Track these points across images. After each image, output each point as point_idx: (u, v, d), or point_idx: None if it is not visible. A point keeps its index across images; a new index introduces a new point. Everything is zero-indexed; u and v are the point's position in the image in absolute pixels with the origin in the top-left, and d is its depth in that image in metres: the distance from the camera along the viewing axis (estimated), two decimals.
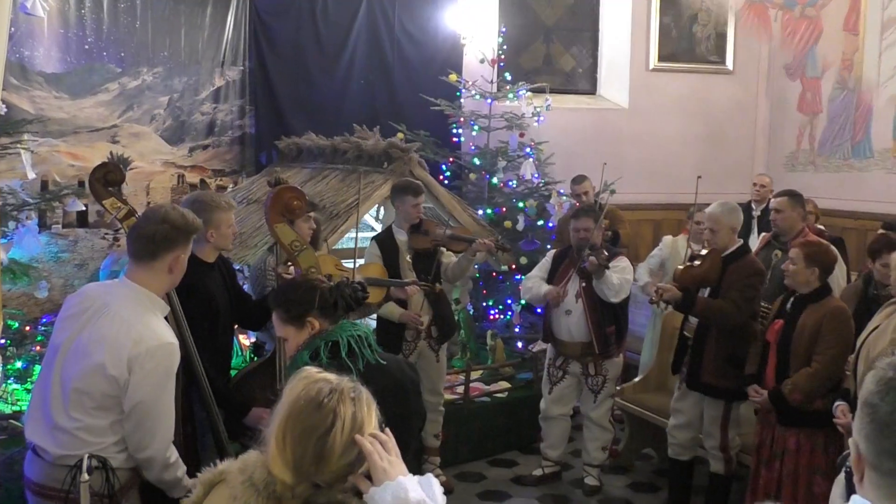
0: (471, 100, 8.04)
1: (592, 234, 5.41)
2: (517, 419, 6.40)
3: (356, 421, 1.86)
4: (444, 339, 5.62)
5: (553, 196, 7.75)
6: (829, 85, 9.03)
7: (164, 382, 2.93)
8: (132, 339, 2.87)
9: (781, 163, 9.60)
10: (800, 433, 4.36)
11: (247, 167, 7.76)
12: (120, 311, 2.93)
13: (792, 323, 4.38)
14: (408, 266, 5.43)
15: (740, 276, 4.87)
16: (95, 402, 2.88)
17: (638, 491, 5.80)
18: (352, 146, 6.66)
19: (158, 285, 3.06)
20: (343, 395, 1.88)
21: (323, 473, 1.83)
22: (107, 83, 7.13)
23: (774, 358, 4.44)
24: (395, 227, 5.51)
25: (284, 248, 3.71)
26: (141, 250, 3.01)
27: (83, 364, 2.89)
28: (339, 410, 1.85)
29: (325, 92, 8.00)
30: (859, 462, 1.42)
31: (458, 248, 5.53)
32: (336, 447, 1.83)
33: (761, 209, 7.21)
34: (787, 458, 4.37)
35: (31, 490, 3.00)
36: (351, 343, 2.78)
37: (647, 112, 9.45)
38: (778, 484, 4.38)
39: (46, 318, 5.98)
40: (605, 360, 5.54)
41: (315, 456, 1.82)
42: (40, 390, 3.03)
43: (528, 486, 5.79)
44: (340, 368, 2.67)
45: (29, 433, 3.01)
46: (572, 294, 5.48)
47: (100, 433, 2.91)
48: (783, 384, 4.32)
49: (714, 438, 5.07)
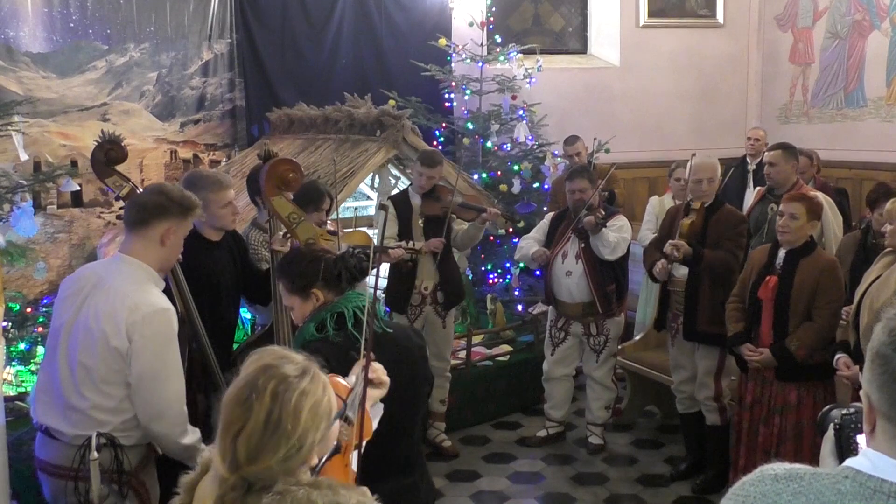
0: (461, 64, 7.98)
1: (588, 195, 5.40)
2: (520, 381, 6.44)
3: (270, 420, 1.74)
4: (450, 304, 5.64)
5: (548, 157, 7.71)
6: (821, 34, 8.97)
7: (165, 348, 2.95)
8: (128, 307, 2.90)
9: (775, 115, 9.56)
10: (800, 387, 4.35)
11: (239, 140, 7.73)
12: (115, 284, 2.97)
13: (788, 279, 4.35)
14: (419, 230, 5.48)
15: (728, 225, 4.94)
16: (103, 377, 2.92)
17: (642, 448, 5.86)
18: (343, 115, 6.63)
19: (152, 257, 3.06)
20: (267, 390, 1.76)
21: (241, 470, 1.74)
22: (94, 61, 7.07)
23: (770, 316, 4.41)
24: (410, 190, 5.60)
25: (282, 221, 3.69)
26: (133, 217, 3.05)
27: (87, 340, 2.92)
28: (253, 408, 1.75)
29: (314, 62, 7.95)
30: (871, 413, 1.42)
31: (467, 216, 5.56)
32: (244, 446, 1.73)
33: (756, 163, 7.20)
34: (788, 413, 4.35)
35: (47, 471, 3.03)
36: (357, 314, 2.79)
37: (639, 69, 9.39)
38: (778, 440, 4.37)
39: (47, 299, 5.99)
40: (606, 319, 5.56)
41: (231, 452, 1.75)
42: (47, 373, 3.06)
43: (532, 447, 5.85)
44: (347, 339, 2.71)
45: (40, 416, 3.04)
46: (572, 255, 5.49)
47: (112, 411, 2.94)
48: (787, 340, 4.29)
49: (708, 388, 5.09)
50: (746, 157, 7.47)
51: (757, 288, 4.45)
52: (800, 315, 4.31)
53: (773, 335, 4.39)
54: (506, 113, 7.88)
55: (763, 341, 4.44)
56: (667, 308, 5.23)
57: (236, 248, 4.13)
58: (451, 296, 5.62)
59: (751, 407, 4.52)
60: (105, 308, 2.92)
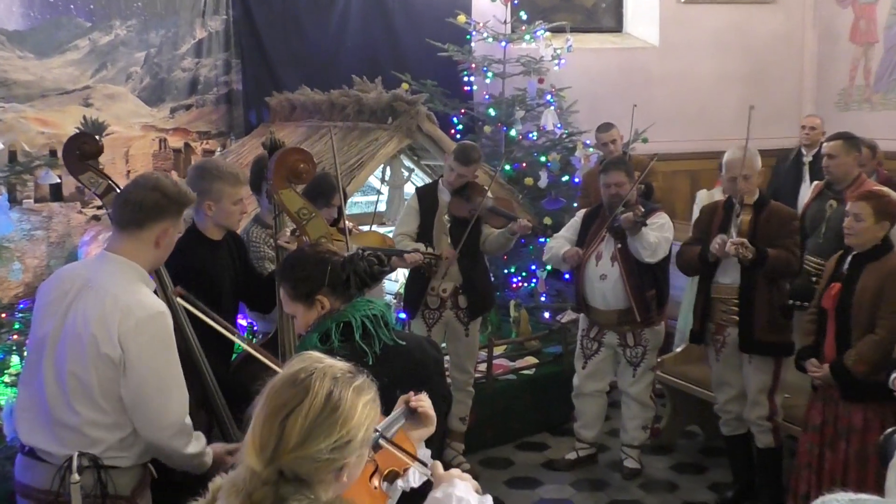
0: (482, 43, 7.96)
1: (625, 189, 5.34)
2: (546, 398, 6.42)
3: (331, 400, 1.80)
4: (477, 312, 5.65)
5: (578, 148, 7.69)
6: (885, 11, 8.86)
7: (163, 355, 2.95)
8: (120, 310, 2.89)
9: (833, 101, 9.51)
10: (866, 409, 4.32)
11: (235, 128, 7.79)
12: (104, 285, 2.94)
13: (850, 286, 4.32)
14: (443, 229, 5.47)
15: (780, 222, 4.92)
16: (95, 389, 2.89)
17: (683, 472, 5.81)
18: (351, 100, 6.66)
19: (144, 259, 3.06)
20: (326, 374, 1.84)
21: (284, 456, 1.78)
22: (76, 39, 7.12)
23: (834, 326, 4.39)
24: (440, 184, 5.58)
25: (291, 217, 3.69)
26: (127, 218, 3.02)
27: (76, 348, 2.90)
28: (312, 387, 1.81)
29: (318, 41, 7.99)
30: None
31: (495, 223, 5.56)
32: (297, 425, 1.78)
33: (812, 154, 7.13)
34: (854, 437, 4.33)
35: (30, 496, 3.01)
36: (366, 324, 2.76)
37: (681, 50, 9.36)
38: (844, 467, 4.33)
39: (23, 303, 5.96)
40: (644, 328, 5.52)
41: (277, 436, 1.79)
42: (31, 389, 3.04)
43: (560, 470, 5.82)
44: (354, 352, 2.64)
45: (25, 435, 3.02)
46: (607, 257, 5.45)
47: (107, 427, 2.94)
48: (845, 355, 4.28)
49: (762, 407, 5.05)
50: (801, 149, 7.41)
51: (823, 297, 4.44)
52: (863, 326, 4.30)
53: (837, 348, 4.37)
54: (532, 98, 7.84)
55: (827, 356, 4.44)
56: (708, 319, 5.14)
57: (236, 250, 4.15)
58: (477, 303, 5.61)
59: (820, 429, 4.49)
60: (94, 311, 2.90)
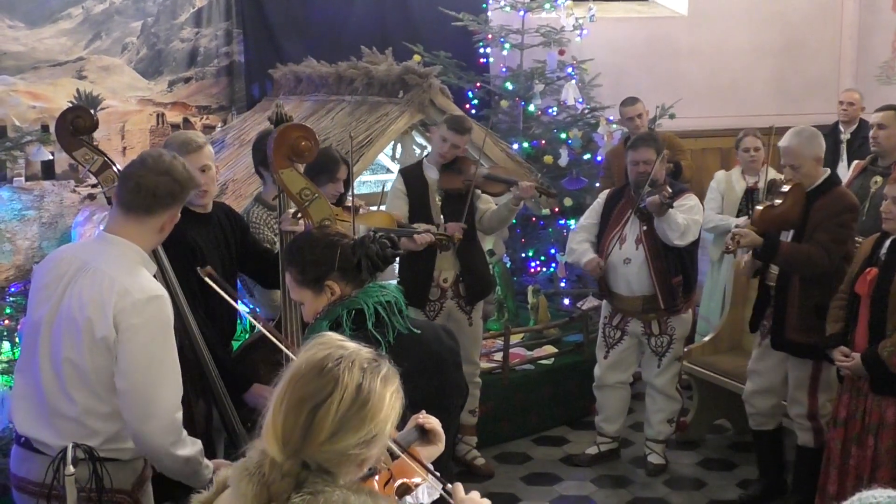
0: (499, 12, 7.96)
1: (654, 168, 5.35)
2: (566, 389, 6.43)
3: (361, 393, 1.84)
4: (476, 297, 5.62)
5: (601, 124, 7.66)
6: None
7: (158, 339, 2.95)
8: (116, 292, 2.90)
9: (873, 74, 9.42)
10: None
11: (237, 102, 7.75)
12: (101, 267, 2.97)
13: (889, 272, 4.29)
14: (437, 209, 5.44)
15: (829, 213, 4.76)
16: (91, 376, 2.92)
17: (710, 469, 5.83)
18: (360, 73, 6.63)
19: (146, 243, 3.09)
20: (354, 363, 1.87)
21: (310, 449, 1.82)
22: (68, 8, 7.09)
23: (867, 314, 4.36)
24: (426, 162, 5.55)
25: (292, 198, 3.64)
26: (137, 202, 3.02)
27: (71, 332, 2.93)
28: (341, 378, 1.84)
29: (325, 9, 7.94)
30: None
31: (494, 190, 5.52)
32: (328, 419, 1.81)
33: (851, 131, 7.12)
34: (885, 432, 4.29)
35: (26, 490, 3.04)
36: (378, 311, 2.77)
37: (711, 19, 9.29)
38: (872, 464, 4.31)
39: (14, 286, 6.03)
40: (671, 316, 5.54)
41: (304, 427, 1.82)
42: (27, 377, 3.07)
43: (581, 466, 5.85)
44: (367, 341, 2.69)
45: (22, 426, 3.05)
46: (631, 239, 5.45)
47: (105, 417, 2.96)
48: (880, 346, 4.23)
49: (801, 405, 5.04)
50: (839, 125, 7.38)
51: (856, 281, 4.40)
52: None
53: (869, 337, 4.34)
54: (551, 71, 7.83)
55: (858, 345, 4.40)
56: (766, 305, 5.10)
57: (229, 226, 4.12)
58: (475, 287, 5.58)
59: (845, 423, 4.48)
60: (90, 294, 2.92)
